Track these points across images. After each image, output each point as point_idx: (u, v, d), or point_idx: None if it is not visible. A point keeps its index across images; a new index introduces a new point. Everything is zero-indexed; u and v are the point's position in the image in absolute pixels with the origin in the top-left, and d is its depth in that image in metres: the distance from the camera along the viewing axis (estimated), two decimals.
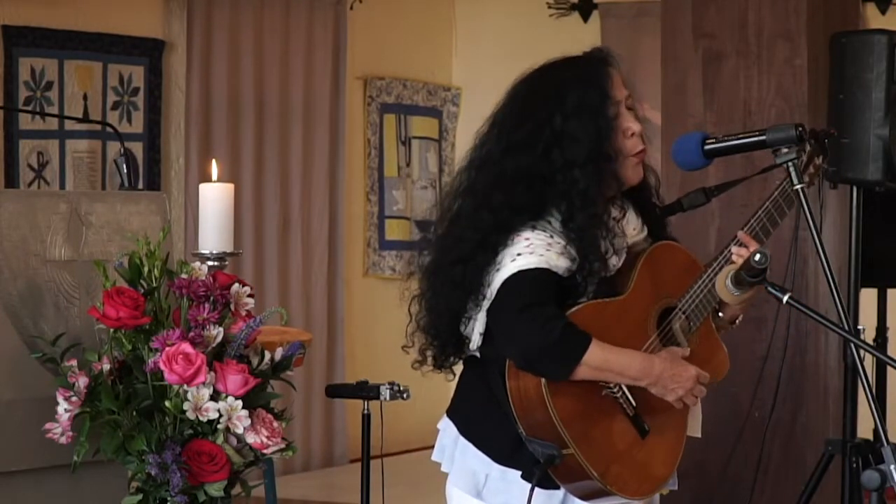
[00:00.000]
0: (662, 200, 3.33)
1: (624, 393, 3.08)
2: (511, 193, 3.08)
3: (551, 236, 3.06)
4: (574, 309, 3.04)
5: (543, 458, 3.01)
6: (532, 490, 3.00)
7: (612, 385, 3.07)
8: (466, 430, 3.18)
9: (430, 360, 3.23)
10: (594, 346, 3.00)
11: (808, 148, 3.31)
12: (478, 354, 3.17)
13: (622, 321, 3.10)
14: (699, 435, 3.25)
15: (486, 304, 3.08)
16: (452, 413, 3.24)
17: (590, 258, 3.06)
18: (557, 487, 3.09)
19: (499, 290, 3.05)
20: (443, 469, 3.24)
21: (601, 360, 3.01)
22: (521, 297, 3.01)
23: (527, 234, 3.06)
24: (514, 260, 3.04)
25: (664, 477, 3.16)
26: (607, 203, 3.14)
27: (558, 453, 3.00)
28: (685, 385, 3.11)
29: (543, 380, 3.00)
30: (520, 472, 3.08)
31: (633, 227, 3.23)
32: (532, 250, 3.04)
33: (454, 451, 3.19)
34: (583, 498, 3.10)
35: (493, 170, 3.13)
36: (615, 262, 3.14)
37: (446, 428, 3.24)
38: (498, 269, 3.05)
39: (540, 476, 3.01)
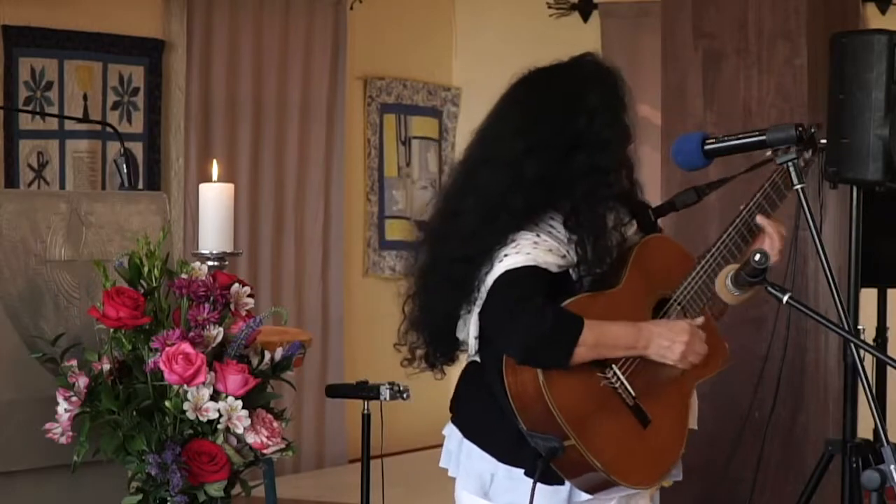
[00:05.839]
0: (643, 190, 3.32)
1: (622, 383, 3.08)
2: (529, 196, 3.08)
3: (538, 235, 3.08)
4: (568, 301, 3.05)
5: (545, 452, 3.01)
6: (535, 484, 3.00)
7: (609, 375, 3.07)
8: (469, 433, 3.19)
9: (419, 359, 3.23)
10: (587, 326, 3.00)
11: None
12: (478, 359, 3.17)
13: (616, 312, 3.10)
14: (695, 427, 3.26)
15: (477, 306, 3.09)
16: (455, 418, 3.25)
17: (599, 254, 3.07)
18: (562, 483, 3.09)
19: (489, 291, 3.06)
20: (450, 474, 3.24)
21: (595, 338, 3.01)
22: (511, 294, 3.02)
23: (512, 235, 3.08)
24: (501, 261, 3.06)
25: (668, 466, 3.16)
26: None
27: (560, 445, 3.00)
28: (681, 339, 3.08)
29: (541, 373, 3.00)
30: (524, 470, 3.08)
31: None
32: (518, 250, 3.06)
33: (459, 455, 3.20)
34: (588, 491, 3.10)
35: (508, 172, 3.10)
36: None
37: (451, 433, 3.25)
38: (488, 272, 3.07)
39: (542, 469, 3.01)
